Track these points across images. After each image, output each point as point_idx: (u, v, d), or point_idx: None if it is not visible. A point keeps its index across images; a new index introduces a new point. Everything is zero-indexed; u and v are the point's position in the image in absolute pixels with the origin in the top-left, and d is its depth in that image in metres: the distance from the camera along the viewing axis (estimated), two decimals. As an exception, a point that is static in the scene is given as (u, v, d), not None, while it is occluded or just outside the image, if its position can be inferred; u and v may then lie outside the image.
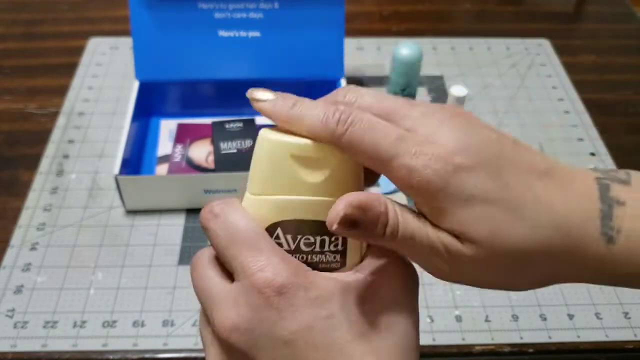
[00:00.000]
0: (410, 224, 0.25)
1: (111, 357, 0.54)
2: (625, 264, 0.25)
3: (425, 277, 0.60)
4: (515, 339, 0.55)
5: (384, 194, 0.68)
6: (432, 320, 0.57)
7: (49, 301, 0.57)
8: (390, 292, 0.27)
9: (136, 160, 0.69)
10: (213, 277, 0.27)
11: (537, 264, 0.25)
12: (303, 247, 0.27)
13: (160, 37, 0.70)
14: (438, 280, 0.59)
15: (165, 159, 0.70)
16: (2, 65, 0.85)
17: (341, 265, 0.28)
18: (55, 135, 0.74)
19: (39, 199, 0.67)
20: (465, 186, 0.24)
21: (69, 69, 0.84)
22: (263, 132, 0.27)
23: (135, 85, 0.71)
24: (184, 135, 0.72)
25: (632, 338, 0.56)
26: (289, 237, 0.27)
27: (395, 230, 0.25)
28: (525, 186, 0.25)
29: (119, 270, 0.60)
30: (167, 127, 0.74)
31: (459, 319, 0.57)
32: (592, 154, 0.74)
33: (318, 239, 0.27)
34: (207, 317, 0.28)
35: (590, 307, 0.58)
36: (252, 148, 0.36)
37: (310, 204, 0.27)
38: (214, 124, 0.71)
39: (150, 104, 0.74)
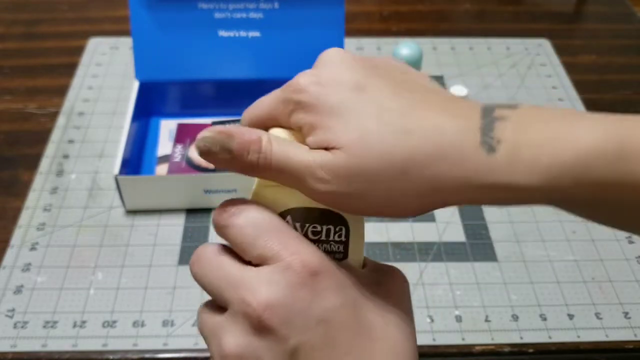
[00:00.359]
0: (284, 148, 0.27)
1: (111, 357, 0.54)
2: (509, 174, 0.24)
3: (425, 277, 0.60)
4: (515, 339, 0.56)
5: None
6: (432, 320, 0.57)
7: (48, 301, 0.57)
8: (394, 289, 0.30)
9: (136, 160, 0.69)
10: (234, 263, 0.28)
11: (411, 176, 0.25)
12: (310, 236, 0.29)
13: (160, 37, 0.70)
14: (439, 280, 0.60)
15: (165, 159, 0.70)
16: (2, 65, 0.85)
17: (343, 257, 0.29)
18: (55, 135, 0.74)
19: (38, 199, 0.67)
20: (329, 98, 0.26)
21: (69, 69, 0.84)
22: (273, 130, 0.29)
23: (135, 85, 0.71)
24: (184, 135, 0.72)
25: (632, 338, 0.56)
26: (297, 225, 0.29)
27: (269, 157, 0.27)
28: (393, 98, 0.26)
29: (119, 270, 0.60)
30: (167, 127, 0.74)
31: (459, 319, 0.57)
32: (592, 154, 0.74)
33: (324, 227, 0.29)
34: (219, 304, 0.28)
35: (590, 307, 0.58)
36: None
37: None
38: (214, 124, 0.71)
39: (150, 104, 0.74)
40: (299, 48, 0.72)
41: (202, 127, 0.73)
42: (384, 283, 0.29)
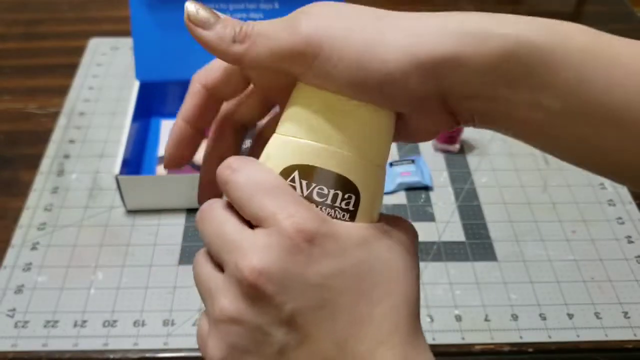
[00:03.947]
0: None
1: (112, 356, 0.54)
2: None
3: (425, 277, 0.60)
4: (515, 339, 0.56)
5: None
6: (432, 320, 0.57)
7: (49, 301, 0.57)
8: (404, 247, 0.28)
9: (136, 160, 0.70)
10: (234, 223, 0.27)
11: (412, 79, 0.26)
12: (315, 197, 0.28)
13: (160, 37, 0.70)
14: (439, 280, 0.60)
15: (166, 159, 0.70)
16: (2, 65, 0.85)
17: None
18: (56, 135, 0.74)
19: (39, 198, 0.67)
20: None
21: (70, 69, 0.84)
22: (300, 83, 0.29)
23: (136, 85, 0.71)
24: (184, 135, 0.73)
25: (632, 337, 0.56)
26: (304, 182, 0.28)
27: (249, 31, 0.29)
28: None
29: (120, 270, 0.60)
30: (168, 128, 0.74)
31: (458, 318, 0.57)
32: (592, 154, 0.74)
33: (332, 192, 0.28)
34: (217, 264, 0.27)
35: (590, 306, 0.58)
36: (251, 148, 0.36)
37: (332, 155, 0.27)
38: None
39: (150, 104, 0.74)
40: (299, 48, 0.72)
41: (203, 127, 0.73)
42: (394, 238, 0.28)
